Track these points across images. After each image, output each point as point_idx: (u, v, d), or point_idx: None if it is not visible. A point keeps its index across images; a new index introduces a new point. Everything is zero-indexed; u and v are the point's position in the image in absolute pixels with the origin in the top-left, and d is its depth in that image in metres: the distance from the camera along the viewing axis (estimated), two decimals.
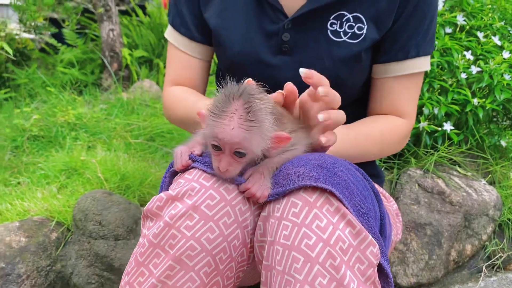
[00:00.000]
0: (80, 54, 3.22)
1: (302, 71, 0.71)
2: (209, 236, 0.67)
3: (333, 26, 0.95)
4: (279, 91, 0.74)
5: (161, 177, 1.87)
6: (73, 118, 2.37)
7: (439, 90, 1.49)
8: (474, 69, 1.48)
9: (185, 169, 0.73)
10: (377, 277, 0.67)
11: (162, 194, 0.71)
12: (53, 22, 2.80)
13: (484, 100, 1.47)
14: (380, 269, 0.69)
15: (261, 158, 0.72)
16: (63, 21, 2.49)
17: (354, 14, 0.94)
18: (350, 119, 0.90)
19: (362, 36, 0.94)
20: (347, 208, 0.66)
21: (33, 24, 2.25)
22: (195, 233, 0.67)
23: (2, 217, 1.48)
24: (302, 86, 0.75)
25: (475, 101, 1.46)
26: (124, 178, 1.73)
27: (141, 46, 3.25)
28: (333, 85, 0.99)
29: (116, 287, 1.30)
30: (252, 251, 0.73)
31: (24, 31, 2.36)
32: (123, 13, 3.46)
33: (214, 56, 1.12)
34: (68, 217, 1.44)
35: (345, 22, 0.94)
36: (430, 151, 1.51)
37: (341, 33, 0.94)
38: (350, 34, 0.94)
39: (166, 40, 3.28)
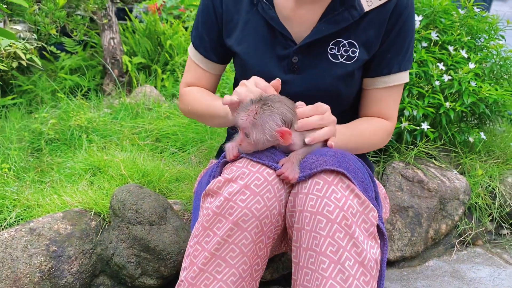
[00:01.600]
0: (80, 61, 3.42)
1: (307, 140, 0.99)
2: (257, 207, 0.93)
3: (332, 50, 1.20)
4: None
5: (176, 173, 2.11)
6: (85, 122, 2.58)
7: (417, 95, 1.77)
8: (446, 78, 1.76)
9: (235, 159, 0.99)
10: (377, 233, 0.94)
11: (220, 177, 0.96)
12: (63, 32, 2.99)
13: (454, 103, 1.76)
14: (378, 228, 0.96)
15: (284, 148, 0.99)
16: (72, 31, 2.70)
17: (349, 40, 1.20)
18: (347, 120, 1.21)
19: (355, 58, 1.20)
20: (354, 185, 0.93)
21: (46, 35, 2.46)
22: (247, 204, 0.93)
23: (44, 209, 1.69)
24: (309, 98, 1.01)
25: (447, 104, 1.75)
26: (145, 175, 1.96)
27: (139, 53, 3.46)
28: (334, 96, 1.26)
29: (151, 265, 1.53)
30: (283, 219, 0.98)
31: (37, 41, 2.56)
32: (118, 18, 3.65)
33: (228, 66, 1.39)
34: (104, 208, 1.67)
35: (341, 47, 1.20)
36: (410, 147, 1.79)
37: (339, 55, 1.20)
38: (345, 56, 1.20)
39: (162, 47, 3.50)
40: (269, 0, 1.20)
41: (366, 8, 1.18)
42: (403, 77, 1.26)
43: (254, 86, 1.03)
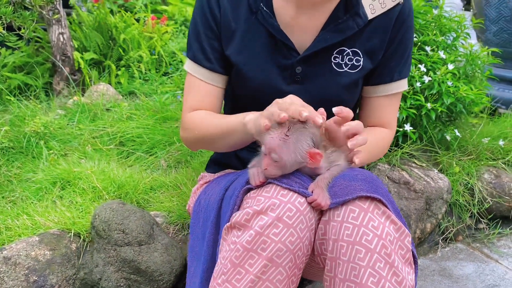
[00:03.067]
0: (25, 58, 3.16)
1: (335, 109, 0.92)
2: (291, 240, 0.88)
3: (336, 59, 1.16)
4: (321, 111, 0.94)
5: (150, 182, 2.00)
6: (41, 127, 2.39)
7: None
8: (426, 79, 1.78)
9: (260, 185, 0.93)
10: (412, 259, 0.92)
11: (248, 210, 0.90)
12: (10, 29, 2.74)
13: (435, 104, 1.78)
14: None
15: (308, 172, 0.94)
16: (19, 28, 2.48)
17: (353, 49, 1.16)
18: None
19: (360, 67, 1.17)
20: (390, 210, 0.91)
21: None
22: (281, 238, 0.87)
23: (14, 232, 1.54)
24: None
25: (428, 105, 1.77)
26: (121, 187, 1.84)
27: (90, 49, 3.26)
28: (337, 106, 1.22)
29: None
30: (312, 247, 0.94)
31: None
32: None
33: None
34: (83, 228, 1.55)
35: (345, 56, 1.16)
36: (393, 148, 1.80)
37: (343, 65, 1.17)
38: (350, 65, 1.17)
39: (114, 41, 3.31)
40: (269, 8, 1.13)
41: (370, 15, 1.15)
42: (403, 84, 1.25)
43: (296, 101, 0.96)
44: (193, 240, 1.26)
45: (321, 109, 0.93)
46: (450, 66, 1.79)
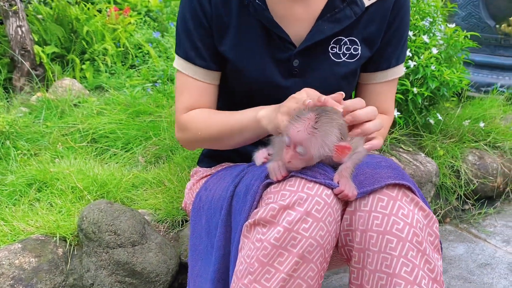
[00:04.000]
0: None
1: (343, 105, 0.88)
2: (321, 234, 0.84)
3: (333, 49, 1.13)
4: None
5: (131, 179, 1.91)
6: (6, 126, 2.24)
7: None
8: (411, 63, 1.78)
9: (281, 179, 0.88)
10: (440, 245, 0.91)
11: (273, 205, 0.85)
12: None
13: (421, 88, 1.79)
14: None
15: (329, 162, 0.90)
16: None
17: (350, 38, 1.13)
18: None
19: (358, 55, 1.14)
20: (418, 197, 0.88)
21: None
22: (311, 232, 0.83)
23: None
24: None
25: (415, 90, 1.77)
26: (103, 186, 1.75)
27: (51, 42, 3.09)
28: None
29: None
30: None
31: None
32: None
33: None
34: (68, 231, 1.45)
35: (343, 45, 1.13)
36: None
37: (341, 54, 1.13)
38: (348, 55, 1.13)
39: (76, 34, 3.15)
40: (262, 0, 1.08)
41: (367, 2, 1.12)
42: (401, 70, 1.23)
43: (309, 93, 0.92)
44: (195, 238, 1.20)
45: (339, 93, 0.89)
46: (434, 50, 1.79)
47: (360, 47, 1.14)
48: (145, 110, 2.52)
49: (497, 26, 2.73)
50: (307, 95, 0.92)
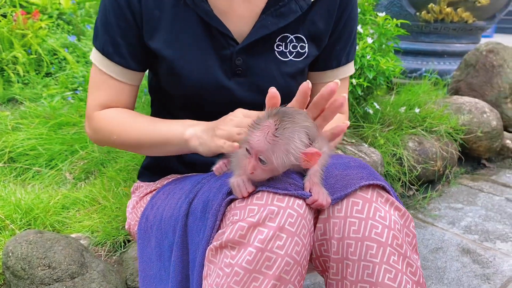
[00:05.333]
0: None
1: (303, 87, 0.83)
2: (297, 249, 0.75)
3: (279, 47, 1.05)
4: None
5: (61, 200, 1.72)
6: None
7: None
8: None
9: (247, 196, 0.79)
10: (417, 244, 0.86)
11: (241, 223, 0.75)
12: None
13: (359, 79, 1.77)
14: None
15: (297, 168, 0.82)
16: None
17: (296, 35, 1.06)
18: None
19: (305, 54, 1.07)
20: (392, 196, 0.82)
21: None
22: (287, 250, 0.74)
23: None
24: (258, 104, 0.86)
25: (354, 81, 1.74)
26: (28, 212, 1.55)
27: None
28: (285, 97, 1.12)
29: None
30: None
31: None
32: None
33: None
34: None
35: (289, 43, 1.06)
36: None
37: (287, 53, 1.06)
38: (294, 53, 1.06)
39: None
40: None
41: None
42: (351, 68, 1.18)
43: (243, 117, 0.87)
44: (144, 263, 1.07)
45: (272, 89, 0.81)
46: (369, 40, 1.78)
47: (307, 44, 1.06)
48: (68, 121, 2.31)
49: (418, 13, 2.81)
50: (244, 116, 0.86)
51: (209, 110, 1.01)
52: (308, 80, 0.83)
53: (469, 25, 2.82)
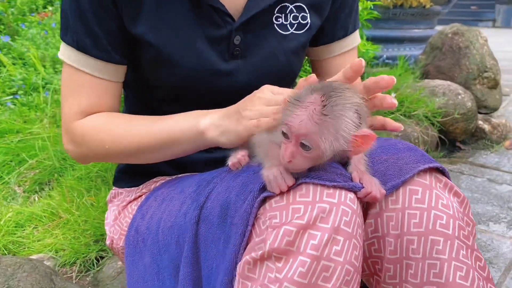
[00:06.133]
0: None
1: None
2: (355, 254, 0.61)
3: (279, 20, 0.92)
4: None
5: (13, 217, 1.48)
6: None
7: None
8: None
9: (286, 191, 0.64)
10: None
11: (286, 227, 0.59)
12: None
13: None
14: None
15: (338, 157, 0.67)
16: None
17: (296, 4, 0.92)
18: None
19: (308, 25, 0.94)
20: (449, 179, 0.70)
21: None
22: (346, 255, 0.60)
23: None
24: (259, 87, 0.75)
25: None
26: None
27: None
28: (287, 77, 0.99)
29: None
30: None
31: None
32: None
33: None
34: None
35: (289, 14, 0.92)
36: None
37: (288, 25, 0.92)
38: (296, 25, 0.93)
39: None
40: None
41: None
42: (357, 37, 1.06)
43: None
44: (135, 283, 0.89)
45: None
46: None
47: (308, 14, 0.93)
48: (10, 129, 2.05)
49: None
50: (273, 93, 0.72)
51: (205, 102, 0.85)
52: (361, 58, 0.69)
53: (427, 10, 2.81)
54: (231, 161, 0.75)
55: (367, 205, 0.69)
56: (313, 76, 0.71)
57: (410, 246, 0.66)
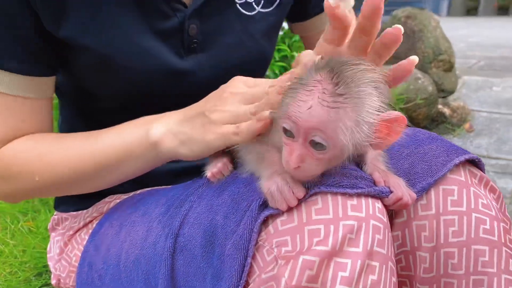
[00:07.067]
0: None
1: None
2: (394, 281, 0.47)
3: None
4: None
5: None
6: None
7: None
8: (285, 25, 1.51)
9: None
10: None
11: (305, 257, 0.44)
12: None
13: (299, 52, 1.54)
14: None
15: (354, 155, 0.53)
16: None
17: None
18: None
19: (277, 0, 0.80)
20: (484, 172, 0.58)
21: None
22: (385, 286, 0.45)
23: None
24: (226, 81, 0.61)
25: (295, 54, 1.51)
26: None
27: None
28: (259, 64, 0.84)
29: None
30: None
31: None
32: None
33: None
34: None
35: None
36: None
37: (253, 3, 0.77)
38: (263, 2, 0.79)
39: None
40: None
41: None
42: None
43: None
44: None
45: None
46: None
47: None
48: None
49: None
50: (248, 86, 0.58)
51: (159, 108, 0.68)
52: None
53: None
54: (210, 170, 0.59)
55: (393, 214, 0.56)
56: (309, 51, 0.55)
57: (450, 261, 0.53)
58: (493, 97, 2.86)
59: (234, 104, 0.56)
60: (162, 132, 0.62)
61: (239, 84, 0.58)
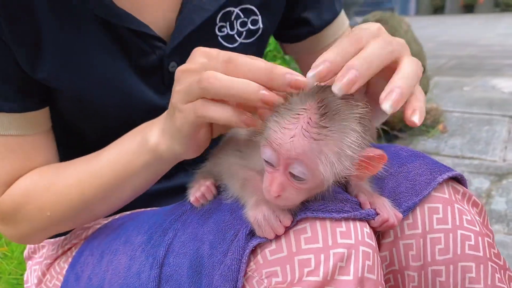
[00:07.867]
0: None
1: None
2: None
3: (223, 30, 0.74)
4: None
5: None
6: None
7: None
8: None
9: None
10: None
11: None
12: None
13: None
14: None
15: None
16: None
17: (242, 6, 0.76)
18: None
19: (260, 31, 0.78)
20: (466, 187, 0.58)
21: None
22: None
23: None
24: None
25: None
26: None
27: None
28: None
29: None
30: None
31: None
32: None
33: None
34: None
35: (235, 21, 0.75)
36: None
37: (235, 35, 0.75)
38: (245, 32, 0.77)
39: None
40: None
41: None
42: (345, 17, 0.91)
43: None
44: None
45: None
46: None
47: (260, 17, 0.76)
48: None
49: None
50: (209, 59, 0.52)
51: None
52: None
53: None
54: (193, 195, 0.58)
55: (379, 235, 0.56)
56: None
57: (438, 279, 0.53)
58: (465, 96, 2.92)
59: (191, 78, 0.51)
60: (157, 133, 0.59)
61: (199, 58, 0.54)
